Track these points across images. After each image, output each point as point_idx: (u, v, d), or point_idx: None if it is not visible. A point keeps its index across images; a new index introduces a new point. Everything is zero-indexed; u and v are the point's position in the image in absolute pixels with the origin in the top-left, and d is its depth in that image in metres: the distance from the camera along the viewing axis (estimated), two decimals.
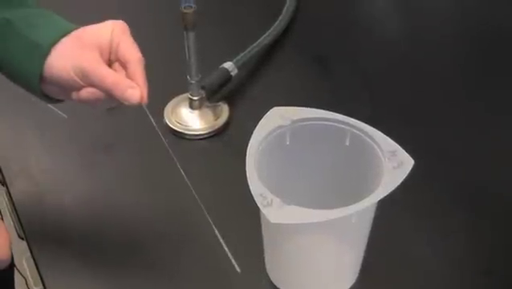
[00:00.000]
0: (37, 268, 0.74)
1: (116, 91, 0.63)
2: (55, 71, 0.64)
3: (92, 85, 0.64)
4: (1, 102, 0.94)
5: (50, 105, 0.85)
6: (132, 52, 0.65)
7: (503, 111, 0.92)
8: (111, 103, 0.67)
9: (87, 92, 0.65)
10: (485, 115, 0.91)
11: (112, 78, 0.64)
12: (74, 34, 0.66)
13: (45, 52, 0.64)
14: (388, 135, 0.64)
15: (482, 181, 0.81)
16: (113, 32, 0.65)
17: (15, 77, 0.67)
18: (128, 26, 0.67)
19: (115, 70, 0.66)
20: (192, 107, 0.90)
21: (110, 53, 0.66)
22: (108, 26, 0.66)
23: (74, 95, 0.66)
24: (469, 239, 0.75)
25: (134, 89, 0.63)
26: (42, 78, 0.65)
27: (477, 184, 0.81)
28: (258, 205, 0.57)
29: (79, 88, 0.65)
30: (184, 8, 0.81)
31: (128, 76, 0.65)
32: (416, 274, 0.71)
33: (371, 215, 0.64)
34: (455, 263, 0.73)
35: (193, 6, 0.81)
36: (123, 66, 0.66)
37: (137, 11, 1.12)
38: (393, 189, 0.58)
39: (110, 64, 0.66)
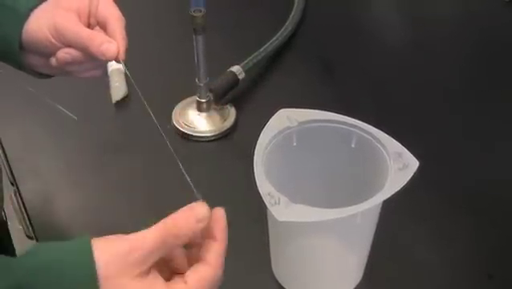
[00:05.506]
0: None
1: (92, 47, 0.63)
2: (32, 33, 0.64)
3: (68, 44, 0.64)
4: (11, 103, 0.95)
5: (60, 106, 0.87)
6: (111, 11, 0.65)
7: (504, 115, 0.93)
8: (92, 68, 0.67)
9: (63, 53, 0.64)
10: (487, 119, 0.92)
11: (87, 32, 0.63)
12: None
13: (23, 17, 0.64)
14: None
15: (484, 184, 0.82)
16: None
17: None
18: None
19: None
20: (199, 109, 0.91)
21: (89, 16, 0.66)
22: None
23: (52, 60, 0.65)
24: (471, 242, 0.76)
25: (110, 43, 0.63)
26: (21, 44, 0.65)
27: (479, 188, 0.82)
28: (266, 203, 0.58)
29: (56, 52, 0.65)
30: (194, 11, 0.82)
31: (108, 35, 0.64)
32: (419, 277, 0.72)
33: (375, 216, 0.65)
34: (457, 266, 0.73)
35: (203, 9, 0.82)
36: (103, 27, 0.65)
37: (147, 14, 1.13)
38: (398, 190, 0.59)
39: (90, 28, 0.66)
